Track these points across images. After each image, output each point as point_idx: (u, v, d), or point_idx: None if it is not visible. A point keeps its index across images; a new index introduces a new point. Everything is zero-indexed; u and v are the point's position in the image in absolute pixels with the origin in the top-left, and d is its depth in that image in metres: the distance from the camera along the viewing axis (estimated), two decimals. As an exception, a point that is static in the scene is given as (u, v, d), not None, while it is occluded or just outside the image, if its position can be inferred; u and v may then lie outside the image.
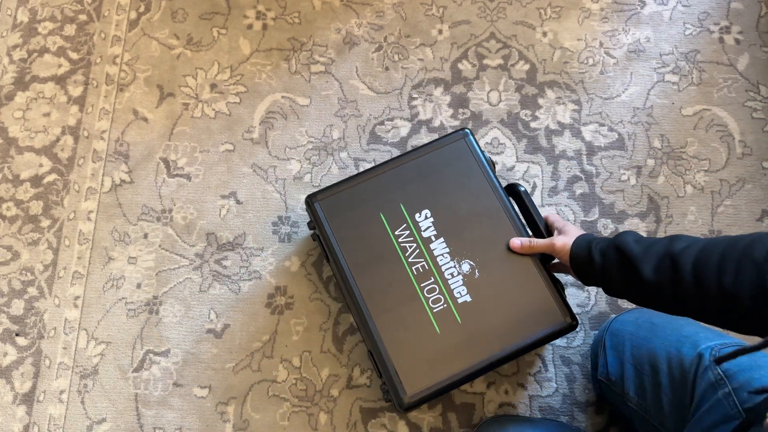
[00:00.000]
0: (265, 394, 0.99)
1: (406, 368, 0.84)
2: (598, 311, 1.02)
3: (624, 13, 1.18)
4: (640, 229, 1.05)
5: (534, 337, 0.85)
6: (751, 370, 0.67)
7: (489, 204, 0.91)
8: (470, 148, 0.95)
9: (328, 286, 1.04)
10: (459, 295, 0.87)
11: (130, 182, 1.11)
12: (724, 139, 1.10)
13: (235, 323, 1.02)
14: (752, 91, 1.12)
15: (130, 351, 1.02)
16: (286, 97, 1.15)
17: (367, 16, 1.19)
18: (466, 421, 0.97)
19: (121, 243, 1.07)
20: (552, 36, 1.17)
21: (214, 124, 1.13)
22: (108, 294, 1.05)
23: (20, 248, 1.08)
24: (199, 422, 0.98)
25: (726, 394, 0.67)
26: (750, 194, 1.07)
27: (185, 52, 1.18)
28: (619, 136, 1.11)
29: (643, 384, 0.78)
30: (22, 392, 1.00)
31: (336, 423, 0.97)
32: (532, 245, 0.87)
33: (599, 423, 0.97)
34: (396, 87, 1.15)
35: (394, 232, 0.91)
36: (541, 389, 0.98)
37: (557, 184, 1.08)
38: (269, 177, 1.10)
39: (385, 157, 1.11)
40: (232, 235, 1.07)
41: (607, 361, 0.85)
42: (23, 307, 1.05)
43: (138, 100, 1.15)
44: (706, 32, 1.17)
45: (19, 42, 1.20)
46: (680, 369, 0.73)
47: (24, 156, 1.13)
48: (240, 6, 1.20)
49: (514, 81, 1.14)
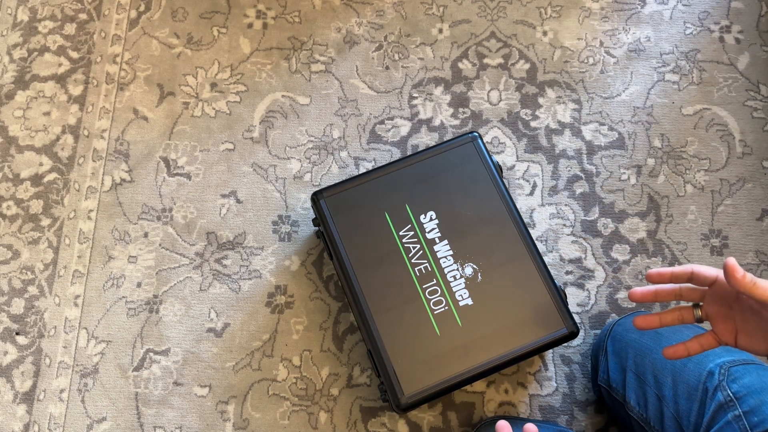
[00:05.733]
0: (265, 393, 0.99)
1: (404, 369, 0.84)
2: (598, 311, 1.02)
3: (624, 13, 1.18)
4: (639, 228, 1.05)
5: (534, 344, 0.85)
6: (762, 393, 0.66)
7: (495, 208, 0.91)
8: (478, 152, 0.95)
9: (329, 285, 1.04)
10: (461, 298, 0.87)
11: (131, 181, 1.11)
12: (725, 138, 1.10)
13: (235, 322, 1.03)
14: (752, 90, 1.12)
15: (131, 350, 1.02)
16: (287, 96, 1.15)
17: (368, 16, 1.19)
18: (466, 420, 0.97)
19: (121, 242, 1.07)
20: (552, 35, 1.17)
21: (214, 123, 1.13)
22: (108, 293, 1.05)
23: (20, 247, 1.08)
24: (200, 421, 0.98)
25: (736, 417, 0.66)
26: (750, 193, 1.07)
27: (185, 51, 1.18)
28: (620, 135, 1.11)
29: (645, 394, 0.77)
30: (23, 391, 1.01)
31: (336, 422, 0.97)
32: (755, 281, 0.58)
33: (599, 422, 0.97)
34: (396, 86, 1.15)
35: (398, 232, 0.91)
36: (541, 388, 0.99)
37: (557, 183, 1.08)
38: (269, 176, 1.10)
39: (385, 157, 1.11)
40: (232, 234, 1.07)
41: (608, 367, 0.84)
42: (23, 306, 1.05)
43: (138, 99, 1.15)
44: (707, 31, 1.16)
45: (20, 41, 1.19)
46: (686, 384, 0.72)
47: (24, 155, 1.13)
48: (240, 5, 1.20)
49: (514, 80, 1.14)
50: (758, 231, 1.05)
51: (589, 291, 1.03)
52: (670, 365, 0.75)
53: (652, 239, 1.05)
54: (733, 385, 0.68)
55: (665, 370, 0.75)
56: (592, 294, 1.03)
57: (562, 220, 1.06)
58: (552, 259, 1.04)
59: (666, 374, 0.75)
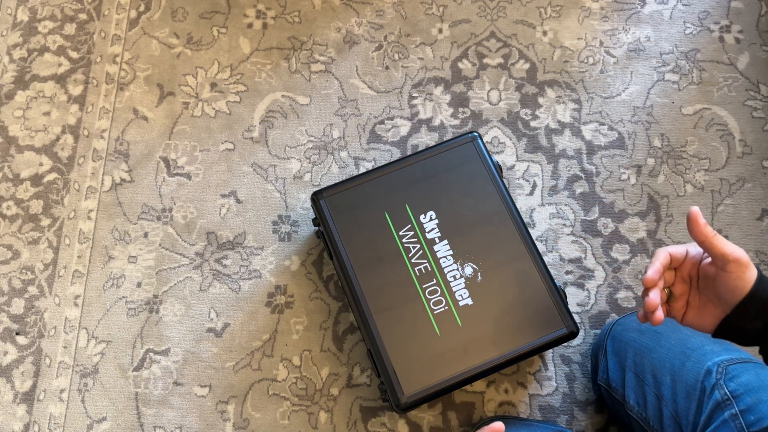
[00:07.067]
0: (265, 393, 0.99)
1: (404, 368, 0.84)
2: (598, 310, 1.02)
3: (624, 12, 1.18)
4: (639, 228, 1.05)
5: (534, 344, 0.85)
6: (759, 391, 0.66)
7: (495, 208, 0.92)
8: (478, 152, 0.95)
9: (329, 285, 1.04)
10: (460, 298, 0.87)
11: (130, 181, 1.11)
12: (725, 138, 1.10)
13: (235, 322, 1.03)
14: (752, 90, 1.12)
15: (131, 350, 1.02)
16: (286, 96, 1.15)
17: (367, 15, 1.19)
18: (466, 420, 0.97)
19: (121, 242, 1.07)
20: (552, 35, 1.17)
21: (214, 123, 1.13)
22: (108, 293, 1.05)
23: (20, 247, 1.08)
24: (200, 421, 0.98)
25: (733, 415, 0.66)
26: (750, 193, 1.07)
27: (185, 51, 1.18)
28: (619, 135, 1.11)
29: (644, 394, 0.77)
30: (23, 391, 1.01)
31: (336, 422, 0.97)
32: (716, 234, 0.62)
33: (599, 422, 0.97)
34: (396, 86, 1.15)
35: (398, 232, 0.91)
36: (541, 388, 0.99)
37: (557, 183, 1.08)
38: (269, 176, 1.10)
39: (385, 157, 1.11)
40: (232, 234, 1.07)
41: (608, 366, 0.84)
42: (23, 306, 1.05)
43: (138, 99, 1.15)
44: (707, 31, 1.16)
45: (19, 41, 1.19)
46: (684, 383, 0.72)
47: (24, 155, 1.13)
48: (240, 5, 1.20)
49: (514, 80, 1.14)
50: (758, 231, 1.05)
51: (589, 291, 1.03)
52: (669, 364, 0.75)
53: (652, 239, 1.05)
54: (731, 384, 0.68)
55: (664, 369, 0.75)
56: (592, 294, 1.03)
57: (562, 219, 1.06)
58: (552, 259, 1.04)
59: (665, 373, 0.75)
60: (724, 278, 0.61)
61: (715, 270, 0.63)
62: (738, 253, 0.60)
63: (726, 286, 0.61)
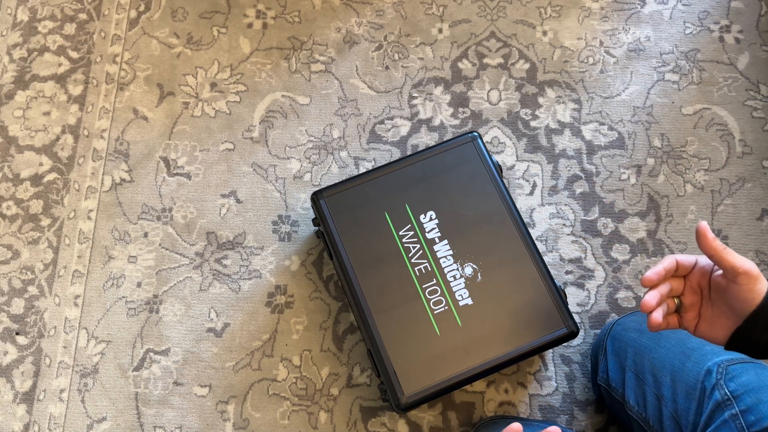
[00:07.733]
0: (265, 392, 0.99)
1: (404, 368, 0.84)
2: (598, 310, 1.02)
3: (624, 12, 1.18)
4: (639, 228, 1.05)
5: (534, 344, 0.85)
6: (759, 391, 0.66)
7: (495, 208, 0.92)
8: (478, 152, 0.95)
9: (329, 285, 1.04)
10: (460, 298, 0.87)
11: (130, 181, 1.11)
12: (724, 138, 1.10)
13: (235, 322, 1.03)
14: (752, 90, 1.12)
15: (131, 350, 1.02)
16: (286, 96, 1.15)
17: (367, 15, 1.19)
18: (466, 420, 0.97)
19: (121, 242, 1.07)
20: (552, 35, 1.17)
21: (214, 123, 1.13)
22: (108, 293, 1.05)
23: (20, 247, 1.08)
24: (200, 421, 0.98)
25: (733, 416, 0.66)
26: (750, 193, 1.07)
27: (185, 51, 1.18)
28: (619, 135, 1.11)
29: (644, 394, 0.77)
30: (23, 391, 1.01)
31: (336, 422, 0.97)
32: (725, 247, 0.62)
33: (599, 422, 0.97)
34: (396, 86, 1.15)
35: (398, 232, 0.91)
36: (541, 388, 0.99)
37: (557, 183, 1.08)
38: (269, 176, 1.10)
39: (385, 157, 1.11)
40: (232, 234, 1.07)
41: (607, 366, 0.84)
42: (23, 306, 1.05)
43: (138, 99, 1.15)
44: (707, 31, 1.16)
45: (19, 41, 1.19)
46: (684, 384, 0.72)
47: (24, 155, 1.13)
48: (240, 5, 1.20)
49: (514, 80, 1.14)
50: (758, 231, 1.05)
51: (589, 291, 1.03)
52: (669, 364, 0.75)
53: (652, 239, 1.05)
54: (731, 384, 0.68)
55: (664, 369, 0.75)
56: (592, 294, 1.03)
57: (562, 219, 1.06)
58: (552, 258, 1.04)
59: (665, 373, 0.75)
60: (735, 290, 0.61)
61: (726, 282, 0.62)
62: (748, 266, 0.60)
63: (737, 298, 0.61)
